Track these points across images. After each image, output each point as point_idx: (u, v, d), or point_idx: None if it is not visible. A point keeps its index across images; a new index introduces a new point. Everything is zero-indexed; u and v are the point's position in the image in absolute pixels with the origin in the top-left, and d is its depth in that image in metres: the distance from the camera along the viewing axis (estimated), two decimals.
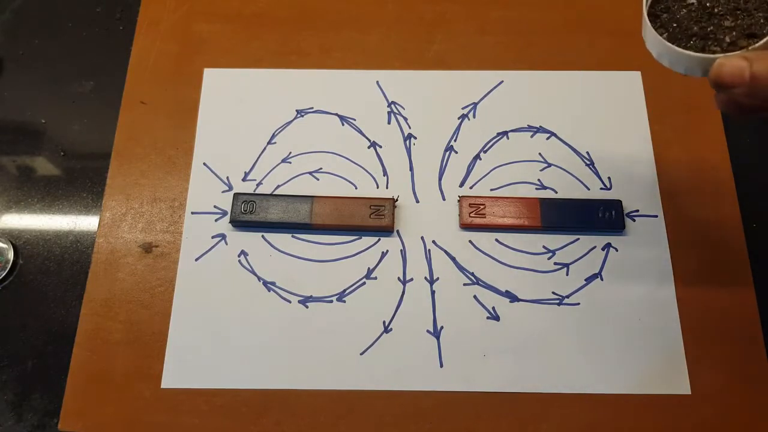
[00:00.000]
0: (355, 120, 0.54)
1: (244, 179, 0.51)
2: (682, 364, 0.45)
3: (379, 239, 0.49)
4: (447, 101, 0.54)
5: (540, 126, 0.53)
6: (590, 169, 0.51)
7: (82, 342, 0.46)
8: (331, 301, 0.47)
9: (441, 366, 0.45)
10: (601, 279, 0.48)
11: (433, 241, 0.49)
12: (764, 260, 0.48)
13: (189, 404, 0.45)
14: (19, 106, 0.55)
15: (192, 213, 0.50)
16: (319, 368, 0.45)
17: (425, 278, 0.48)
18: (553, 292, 0.47)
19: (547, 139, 0.53)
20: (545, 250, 0.49)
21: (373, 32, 0.57)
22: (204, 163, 0.52)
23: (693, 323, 0.46)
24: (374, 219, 0.48)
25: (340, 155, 0.52)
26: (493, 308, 0.47)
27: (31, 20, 0.59)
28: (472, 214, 0.49)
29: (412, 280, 0.48)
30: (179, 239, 0.49)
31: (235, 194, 0.50)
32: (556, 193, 0.51)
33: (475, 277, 0.48)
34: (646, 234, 0.49)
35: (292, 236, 0.49)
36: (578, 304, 0.47)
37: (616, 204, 0.49)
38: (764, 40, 0.30)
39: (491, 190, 0.51)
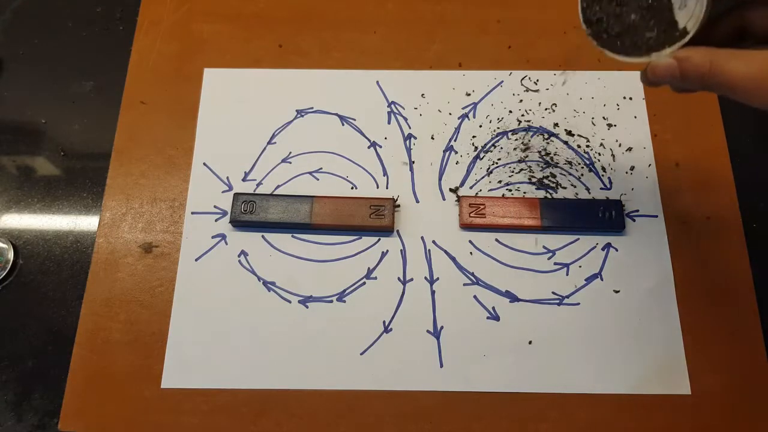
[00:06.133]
0: (355, 120, 0.54)
1: (244, 179, 0.51)
2: (682, 364, 0.45)
3: (379, 239, 0.49)
4: (447, 101, 0.54)
5: (540, 126, 0.53)
6: (590, 169, 0.52)
7: (82, 342, 0.46)
8: (331, 301, 0.47)
9: (441, 366, 0.45)
10: (601, 279, 0.48)
11: (433, 241, 0.49)
12: (764, 260, 0.48)
13: (189, 404, 0.45)
14: (19, 106, 0.55)
15: (192, 213, 0.50)
16: (319, 368, 0.45)
17: (425, 278, 0.48)
18: (553, 292, 0.47)
19: (547, 139, 0.53)
20: (545, 250, 0.49)
21: (373, 32, 0.57)
22: (204, 163, 0.52)
23: (693, 323, 0.46)
24: (374, 219, 0.48)
25: (340, 155, 0.52)
26: (493, 308, 0.47)
27: (31, 20, 0.59)
28: (472, 214, 0.49)
29: (412, 280, 0.48)
30: (179, 239, 0.49)
31: (235, 194, 0.50)
32: (556, 193, 0.51)
33: (475, 277, 0.48)
34: (646, 234, 0.49)
35: (292, 236, 0.49)
36: (578, 304, 0.47)
37: (616, 204, 0.49)
38: (686, 39, 0.32)
39: (491, 190, 0.51)
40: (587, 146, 0.52)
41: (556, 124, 0.53)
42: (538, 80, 0.55)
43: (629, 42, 0.34)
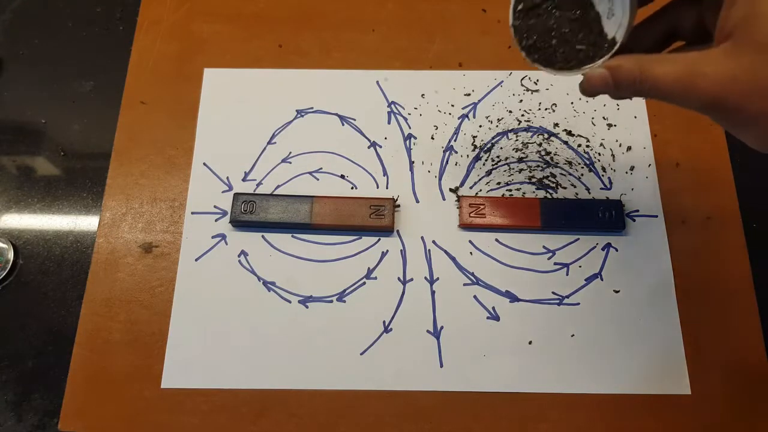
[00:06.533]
0: (355, 120, 0.54)
1: (244, 179, 0.51)
2: (682, 364, 0.45)
3: (379, 239, 0.49)
4: (447, 101, 0.54)
5: (540, 126, 0.53)
6: (590, 169, 0.52)
7: (82, 342, 0.46)
8: (331, 301, 0.47)
9: (441, 366, 0.45)
10: (601, 279, 0.48)
11: (433, 241, 0.49)
12: (764, 260, 0.48)
13: (189, 404, 0.45)
14: (19, 106, 0.55)
15: (192, 213, 0.50)
16: (319, 368, 0.45)
17: (425, 278, 0.48)
18: (553, 292, 0.47)
19: (547, 139, 0.53)
20: (545, 250, 0.49)
21: (373, 32, 0.57)
22: (204, 163, 0.52)
23: (693, 323, 0.46)
24: (374, 219, 0.48)
25: (340, 155, 0.52)
26: (493, 308, 0.47)
27: (31, 20, 0.59)
28: (472, 214, 0.49)
29: (412, 280, 0.48)
30: (179, 239, 0.49)
31: (235, 194, 0.50)
32: (556, 193, 0.51)
33: (475, 277, 0.48)
34: (646, 234, 0.49)
35: (292, 236, 0.49)
36: (578, 304, 0.47)
37: (616, 204, 0.49)
38: (615, 48, 0.33)
39: (491, 190, 0.51)
40: (587, 146, 0.52)
41: (556, 124, 0.53)
42: (538, 80, 0.55)
43: (562, 57, 0.35)
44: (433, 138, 0.53)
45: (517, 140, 0.53)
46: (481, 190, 0.51)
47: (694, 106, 0.29)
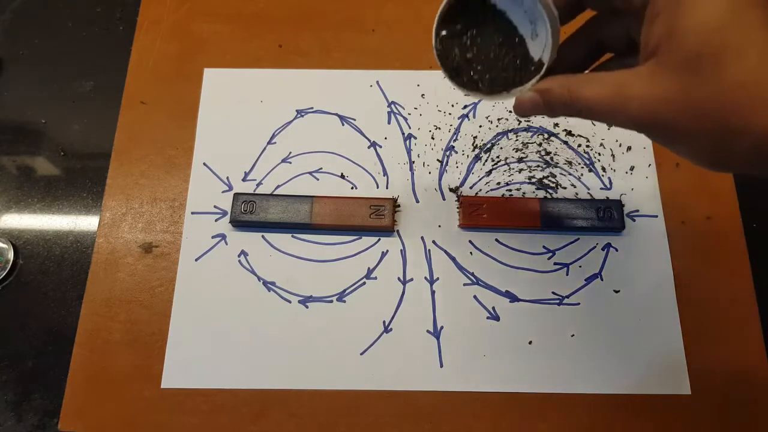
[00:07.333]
0: (355, 120, 0.54)
1: (244, 179, 0.51)
2: (682, 364, 0.45)
3: (379, 239, 0.49)
4: (447, 101, 0.54)
5: (540, 126, 0.53)
6: (590, 169, 0.52)
7: (82, 342, 0.46)
8: (331, 301, 0.47)
9: (441, 366, 0.45)
10: (601, 279, 0.48)
11: (433, 241, 0.49)
12: (764, 260, 0.48)
13: (189, 404, 0.45)
14: (19, 106, 0.55)
15: (192, 213, 0.50)
16: (319, 368, 0.45)
17: (425, 278, 0.48)
18: (553, 292, 0.47)
19: (547, 139, 0.53)
20: (545, 250, 0.49)
21: (373, 32, 0.57)
22: (204, 163, 0.52)
23: (693, 323, 0.46)
24: (374, 219, 0.48)
25: (340, 155, 0.52)
26: (493, 308, 0.47)
27: (31, 20, 0.59)
28: (472, 214, 0.49)
29: (412, 280, 0.48)
30: (179, 239, 0.49)
31: (235, 194, 0.50)
32: (556, 193, 0.51)
33: (475, 277, 0.48)
34: (646, 234, 0.49)
35: (292, 236, 0.49)
36: (578, 304, 0.47)
37: (616, 204, 0.49)
38: (542, 72, 0.32)
39: (491, 190, 0.51)
40: (587, 146, 0.52)
41: (556, 124, 0.53)
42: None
43: (488, 81, 0.33)
44: (433, 138, 0.53)
45: (517, 140, 0.53)
46: (481, 190, 0.51)
47: (627, 127, 0.29)
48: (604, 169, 0.52)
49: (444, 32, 0.34)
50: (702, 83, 0.25)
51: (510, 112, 0.54)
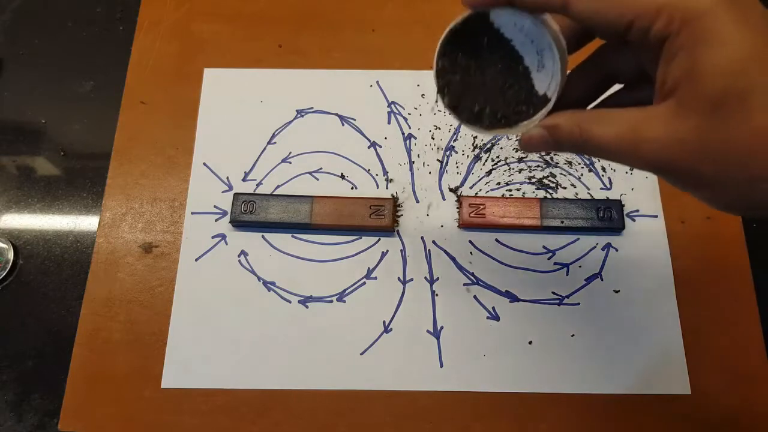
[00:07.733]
0: (355, 120, 0.54)
1: (244, 179, 0.51)
2: (682, 364, 0.45)
3: (379, 239, 0.49)
4: None
5: None
6: (590, 169, 0.52)
7: (82, 342, 0.46)
8: (331, 301, 0.47)
9: (441, 366, 0.45)
10: (601, 279, 0.48)
11: (433, 241, 0.49)
12: (764, 260, 0.48)
13: (189, 404, 0.45)
14: (19, 106, 0.55)
15: (192, 213, 0.50)
16: (319, 368, 0.45)
17: (425, 278, 0.48)
18: (553, 292, 0.47)
19: None
20: (545, 250, 0.49)
21: (373, 32, 0.57)
22: (204, 163, 0.52)
23: (693, 323, 0.46)
24: (374, 219, 0.48)
25: (340, 155, 0.52)
26: (493, 308, 0.47)
27: (31, 20, 0.59)
28: (472, 214, 0.49)
29: (412, 280, 0.48)
30: (179, 239, 0.49)
31: (235, 194, 0.50)
32: (556, 192, 0.51)
33: (475, 277, 0.48)
34: (646, 234, 0.49)
35: (292, 236, 0.49)
36: (578, 304, 0.47)
37: (616, 204, 0.49)
38: (549, 106, 0.30)
39: (491, 190, 0.51)
40: None
41: None
42: None
43: (491, 116, 0.31)
44: (433, 138, 0.53)
45: (517, 140, 0.53)
46: (481, 190, 0.51)
47: (640, 168, 0.27)
48: (604, 169, 0.52)
49: (445, 62, 0.32)
50: (726, 127, 0.24)
51: None
